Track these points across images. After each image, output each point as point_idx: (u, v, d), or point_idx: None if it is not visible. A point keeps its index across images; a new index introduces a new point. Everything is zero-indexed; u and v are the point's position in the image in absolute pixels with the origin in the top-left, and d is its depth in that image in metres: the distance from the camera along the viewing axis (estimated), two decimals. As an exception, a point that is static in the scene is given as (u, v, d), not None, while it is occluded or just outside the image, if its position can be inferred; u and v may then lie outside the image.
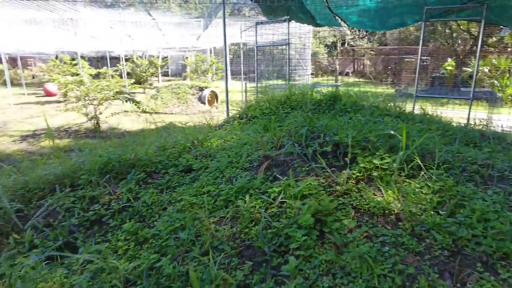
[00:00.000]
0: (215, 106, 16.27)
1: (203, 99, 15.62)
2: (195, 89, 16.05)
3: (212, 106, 16.16)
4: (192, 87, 16.06)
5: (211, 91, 16.08)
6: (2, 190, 1.99)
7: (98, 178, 2.07)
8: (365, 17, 8.09)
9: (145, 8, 10.53)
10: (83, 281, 1.39)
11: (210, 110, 15.31)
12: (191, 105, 15.72)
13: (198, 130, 3.40)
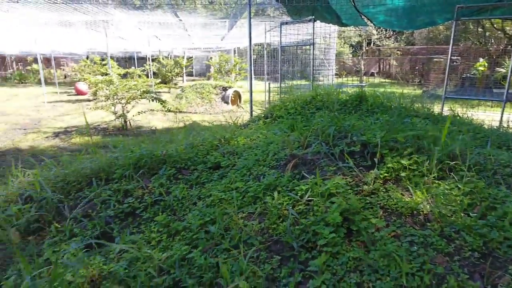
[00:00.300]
0: (238, 106, 16.41)
1: (227, 98, 15.80)
2: (218, 89, 16.26)
3: (235, 105, 16.31)
4: (216, 87, 16.28)
5: (235, 91, 16.23)
6: (44, 182, 2.13)
7: (132, 172, 2.18)
8: (393, 16, 7.93)
9: (173, 10, 10.78)
10: (120, 269, 1.48)
11: (233, 110, 15.45)
12: (214, 105, 15.94)
13: (224, 129, 3.48)
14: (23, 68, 28.38)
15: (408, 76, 19.98)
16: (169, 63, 21.91)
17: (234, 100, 16.32)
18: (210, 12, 15.07)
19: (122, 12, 10.60)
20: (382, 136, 2.09)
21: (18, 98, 19.44)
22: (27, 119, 13.27)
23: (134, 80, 11.75)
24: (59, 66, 28.24)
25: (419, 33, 21.71)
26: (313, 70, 9.41)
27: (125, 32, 15.07)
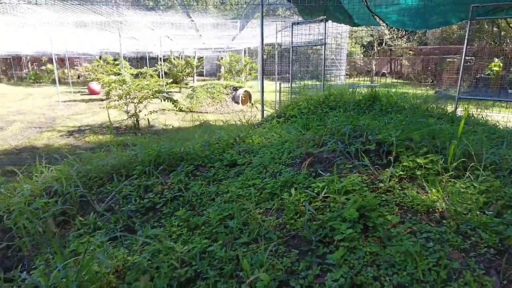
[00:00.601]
0: (248, 105, 16.47)
1: (237, 98, 15.88)
2: (229, 89, 16.36)
3: (246, 105, 16.37)
4: (226, 87, 16.39)
5: (245, 91, 16.30)
6: (67, 177, 2.21)
7: (152, 169, 2.24)
8: (406, 16, 7.88)
9: (185, 10, 10.90)
10: (143, 260, 1.54)
11: (244, 110, 15.52)
12: (225, 105, 16.04)
13: (238, 128, 3.53)
14: (38, 68, 29.00)
15: (420, 76, 19.77)
16: (180, 63, 22.12)
17: (245, 100, 16.39)
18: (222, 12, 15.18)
19: (135, 13, 10.77)
20: (398, 135, 2.11)
21: (33, 97, 19.88)
22: (42, 118, 13.58)
23: (147, 80, 11.92)
24: (73, 66, 28.75)
25: (432, 33, 21.46)
26: (324, 70, 9.41)
27: (138, 33, 15.28)
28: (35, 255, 1.80)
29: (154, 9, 12.98)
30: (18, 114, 14.16)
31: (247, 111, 15.37)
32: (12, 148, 9.37)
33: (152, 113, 12.29)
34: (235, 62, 21.28)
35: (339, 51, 14.41)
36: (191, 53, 26.49)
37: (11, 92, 22.19)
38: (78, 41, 17.58)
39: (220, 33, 16.85)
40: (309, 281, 1.34)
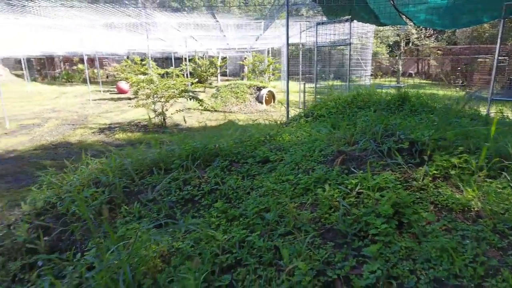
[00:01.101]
0: (272, 105, 16.54)
1: (261, 98, 15.98)
2: (253, 89, 16.48)
3: (269, 105, 16.45)
4: (250, 87, 16.52)
5: (269, 91, 16.38)
6: (111, 169, 2.37)
7: (189, 163, 2.36)
8: (434, 15, 7.70)
9: (211, 11, 11.10)
10: (186, 246, 1.65)
11: (267, 110, 15.61)
12: (248, 104, 16.18)
13: (267, 126, 3.61)
14: (69, 68, 30.28)
15: (449, 77, 19.16)
16: (205, 63, 22.49)
17: (268, 100, 16.47)
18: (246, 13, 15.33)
19: (163, 14, 11.08)
20: (431, 135, 2.12)
21: (66, 96, 20.79)
22: (75, 115, 14.20)
23: (173, 79, 12.22)
24: (102, 66, 29.80)
25: (462, 32, 20.74)
26: (349, 70, 9.35)
27: (164, 34, 15.67)
28: (86, 239, 1.95)
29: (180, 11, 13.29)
30: (53, 112, 14.87)
31: (271, 111, 15.44)
32: (49, 144, 9.87)
33: (178, 112, 12.59)
34: (259, 62, 21.41)
35: (364, 51, 14.25)
36: (215, 53, 26.85)
37: (46, 91, 23.30)
38: (107, 42, 18.22)
39: (244, 33, 17.01)
40: (346, 271, 1.40)
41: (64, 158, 8.63)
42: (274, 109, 15.76)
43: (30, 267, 2.00)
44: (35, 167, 7.72)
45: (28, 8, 8.06)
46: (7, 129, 11.49)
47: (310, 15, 15.69)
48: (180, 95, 11.96)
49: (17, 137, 10.53)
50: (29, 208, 2.41)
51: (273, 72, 21.39)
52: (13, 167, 7.70)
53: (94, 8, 9.63)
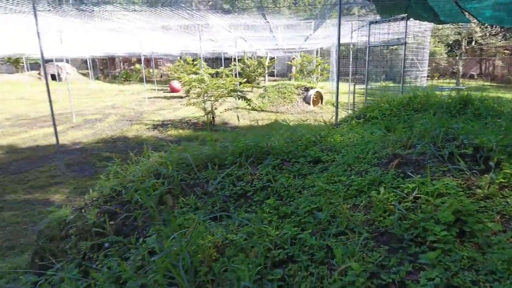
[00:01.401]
0: (319, 106, 16.32)
1: (308, 99, 15.84)
2: (300, 89, 16.39)
3: (316, 106, 16.24)
4: (298, 87, 16.45)
5: (317, 92, 16.17)
6: (169, 163, 2.53)
7: (242, 160, 2.45)
8: (503, 11, 7.08)
9: (261, 12, 11.23)
10: (240, 239, 1.72)
11: (315, 111, 15.43)
12: (296, 105, 16.11)
13: (317, 127, 3.60)
14: (128, 68, 32.42)
15: (518, 79, 17.47)
16: (253, 63, 22.79)
17: (316, 101, 16.27)
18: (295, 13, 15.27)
19: (216, 16, 11.43)
20: (498, 141, 1.99)
21: (124, 93, 22.28)
22: (132, 112, 15.17)
23: (223, 79, 12.56)
24: (157, 66, 31.49)
25: (536, 30, 18.78)
26: (404, 71, 8.94)
27: (216, 35, 16.15)
28: (147, 226, 2.11)
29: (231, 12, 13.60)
30: (113, 108, 16.04)
31: (318, 112, 15.24)
32: (109, 138, 10.67)
33: (226, 110, 12.91)
34: (307, 63, 21.21)
35: (420, 51, 13.50)
36: (263, 54, 27.07)
37: (107, 89, 25.19)
38: (163, 43, 19.21)
39: (293, 33, 16.95)
40: (401, 276, 1.38)
41: (122, 151, 9.27)
42: (321, 110, 15.54)
43: (98, 247, 2.21)
44: (97, 158, 8.41)
45: (96, 13, 8.79)
46: (74, 123, 12.62)
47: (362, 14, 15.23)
48: (229, 94, 12.26)
49: (82, 130, 11.52)
50: (97, 195, 2.66)
51: (321, 72, 21.06)
52: (78, 157, 8.45)
53: (153, 12, 10.22)
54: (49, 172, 7.20)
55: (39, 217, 5.03)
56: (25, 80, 25.78)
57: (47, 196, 5.85)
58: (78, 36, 13.98)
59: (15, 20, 8.68)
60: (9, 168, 7.52)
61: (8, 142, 9.80)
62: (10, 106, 16.95)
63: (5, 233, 4.47)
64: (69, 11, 7.45)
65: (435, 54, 22.33)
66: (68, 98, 14.07)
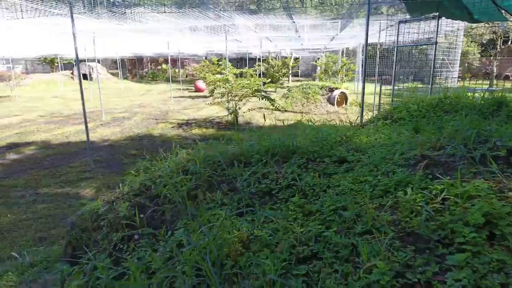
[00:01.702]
0: (343, 107, 16.10)
1: (332, 100, 15.67)
2: (325, 90, 16.24)
3: (340, 107, 16.03)
4: (322, 88, 16.30)
5: (341, 92, 15.97)
6: (197, 158, 2.60)
7: (268, 158, 2.49)
8: (544, 9, 6.75)
9: (288, 12, 11.23)
10: (264, 235, 1.76)
11: (338, 111, 15.24)
12: (319, 105, 15.98)
13: (341, 127, 3.58)
14: (155, 68, 33.29)
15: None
16: (277, 63, 22.79)
17: (340, 102, 16.07)
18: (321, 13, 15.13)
19: (242, 16, 11.53)
20: (534, 143, 1.92)
21: (151, 93, 22.89)
22: (157, 111, 15.57)
23: (247, 79, 12.65)
24: (183, 66, 32.13)
25: None
26: (433, 71, 8.68)
27: (241, 35, 16.28)
28: (175, 220, 2.20)
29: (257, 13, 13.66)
30: (140, 107, 16.53)
31: (342, 113, 15.05)
32: (135, 135, 11.01)
33: (250, 110, 12.99)
34: (332, 63, 20.98)
35: (451, 51, 13.03)
36: (288, 54, 27.01)
37: (134, 88, 25.98)
38: (189, 43, 19.58)
39: (319, 33, 16.80)
40: (427, 276, 1.37)
41: (148, 149, 9.54)
42: (345, 111, 15.32)
43: (128, 239, 2.32)
44: (124, 155, 8.71)
45: (127, 14, 9.10)
46: (103, 121, 13.11)
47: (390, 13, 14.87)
48: (253, 94, 12.33)
49: (110, 128, 11.96)
50: (127, 189, 2.78)
51: (347, 73, 20.76)
52: (107, 154, 8.78)
53: (181, 13, 10.45)
54: (79, 168, 7.53)
55: (70, 210, 5.29)
56: (59, 79, 27.04)
57: (77, 190, 6.14)
58: (109, 38, 14.52)
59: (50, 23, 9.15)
60: (43, 163, 7.94)
61: (42, 139, 10.32)
62: (44, 104, 17.83)
63: (37, 225, 4.73)
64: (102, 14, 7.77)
65: (467, 54, 21.46)
66: (98, 97, 14.62)
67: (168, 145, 10.34)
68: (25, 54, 23.43)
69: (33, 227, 4.66)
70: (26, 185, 6.40)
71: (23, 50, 20.18)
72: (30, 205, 5.47)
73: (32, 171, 7.33)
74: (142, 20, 10.44)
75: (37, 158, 8.31)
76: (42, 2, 6.58)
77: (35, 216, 5.04)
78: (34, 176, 6.96)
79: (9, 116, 14.22)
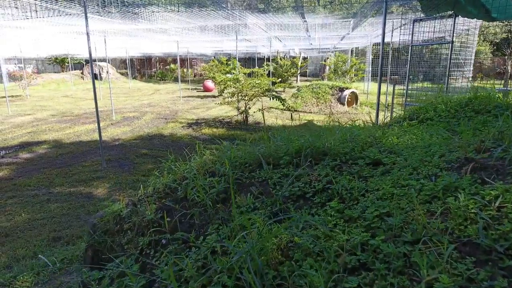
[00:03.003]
0: (353, 107, 15.92)
1: (343, 99, 15.50)
2: (335, 90, 16.07)
3: (351, 107, 15.86)
4: (332, 87, 16.14)
5: (351, 92, 15.80)
6: (225, 160, 2.50)
7: (298, 160, 2.38)
8: None
9: (300, 11, 11.11)
10: (306, 242, 1.65)
11: (349, 111, 15.07)
12: (329, 105, 15.81)
13: (366, 129, 3.46)
14: (163, 68, 33.35)
15: None
16: (286, 63, 22.65)
17: (350, 102, 15.90)
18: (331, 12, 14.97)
19: (254, 15, 11.43)
20: None
21: (160, 92, 22.91)
22: (167, 110, 15.54)
23: (258, 79, 12.55)
24: (191, 66, 32.16)
25: None
26: (449, 71, 8.50)
27: (251, 35, 16.19)
28: (205, 224, 2.10)
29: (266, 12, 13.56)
30: (149, 106, 16.52)
31: (353, 112, 14.87)
32: (146, 135, 10.98)
33: (260, 110, 12.89)
34: (342, 63, 20.76)
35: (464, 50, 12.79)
36: (297, 54, 26.85)
37: (143, 88, 26.02)
38: (198, 43, 19.54)
39: (329, 33, 16.65)
40: (496, 292, 1.25)
41: (158, 148, 9.47)
42: (356, 111, 15.15)
43: (155, 244, 2.23)
44: (135, 154, 8.65)
45: (139, 14, 9.06)
46: (113, 120, 13.10)
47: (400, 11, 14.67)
48: (264, 94, 12.23)
49: (121, 127, 11.94)
50: (151, 191, 2.69)
51: (356, 72, 20.55)
52: (118, 153, 8.74)
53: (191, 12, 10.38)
54: (91, 167, 7.49)
55: (83, 209, 5.24)
56: (69, 78, 27.22)
57: (90, 190, 6.09)
58: (120, 37, 14.52)
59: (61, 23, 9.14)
60: (55, 162, 7.92)
61: (54, 138, 10.33)
62: (55, 103, 17.93)
63: (51, 225, 4.68)
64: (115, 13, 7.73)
65: (479, 53, 21.08)
66: (108, 96, 14.64)
67: (179, 145, 10.25)
68: (36, 54, 23.63)
69: (47, 227, 4.62)
70: (39, 184, 6.37)
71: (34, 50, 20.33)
72: (43, 204, 5.43)
73: (45, 169, 7.32)
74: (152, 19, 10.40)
75: (49, 157, 8.30)
76: (56, 1, 6.55)
77: (49, 215, 4.99)
78: (47, 175, 6.94)
79: (21, 115, 14.31)
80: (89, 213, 5.04)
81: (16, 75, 20.44)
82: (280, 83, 17.87)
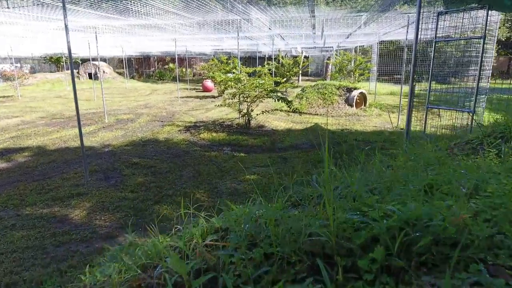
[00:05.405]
0: (362, 108, 15.00)
1: (351, 100, 14.58)
2: (342, 90, 15.15)
3: (359, 108, 14.93)
4: (339, 88, 15.21)
5: (360, 93, 14.87)
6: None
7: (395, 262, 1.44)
8: None
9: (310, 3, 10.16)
10: None
11: (357, 113, 14.15)
12: (336, 107, 14.90)
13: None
14: (161, 67, 32.48)
15: None
16: (288, 62, 21.72)
17: (359, 103, 14.98)
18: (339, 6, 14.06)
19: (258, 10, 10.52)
20: None
21: (157, 92, 22.03)
22: (163, 112, 14.63)
23: (262, 79, 11.63)
24: (190, 65, 31.31)
25: None
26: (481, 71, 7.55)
27: (253, 32, 15.28)
28: None
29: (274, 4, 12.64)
30: (145, 108, 15.62)
31: (361, 114, 13.95)
32: (139, 140, 10.04)
33: (264, 113, 11.96)
34: (347, 61, 19.82)
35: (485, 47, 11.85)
36: (299, 52, 25.97)
37: (141, 88, 25.15)
38: (197, 41, 18.66)
39: (337, 30, 15.72)
40: None
41: (151, 157, 8.46)
42: (365, 113, 14.24)
43: None
44: (125, 164, 7.71)
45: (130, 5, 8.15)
46: (106, 123, 12.20)
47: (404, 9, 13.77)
48: (268, 95, 11.31)
49: (113, 131, 11.02)
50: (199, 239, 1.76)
51: (362, 72, 19.62)
52: (106, 163, 7.81)
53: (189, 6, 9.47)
54: (73, 180, 6.57)
55: (52, 240, 4.30)
56: (64, 78, 26.38)
57: (65, 212, 5.16)
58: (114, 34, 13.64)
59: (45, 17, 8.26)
60: (33, 174, 7.01)
61: (38, 144, 9.43)
62: (47, 104, 17.06)
63: (8, 263, 3.74)
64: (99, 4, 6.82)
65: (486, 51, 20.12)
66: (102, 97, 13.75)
67: (175, 152, 9.25)
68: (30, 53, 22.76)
69: (3, 267, 3.68)
70: (8, 203, 5.45)
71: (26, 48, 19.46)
72: (7, 232, 4.51)
73: (19, 183, 6.40)
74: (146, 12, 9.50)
75: (27, 168, 7.39)
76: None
77: (9, 249, 4.06)
78: (20, 191, 6.02)
79: (9, 117, 13.42)
80: (58, 245, 4.13)
81: (7, 75, 19.55)
82: (285, 83, 16.94)
